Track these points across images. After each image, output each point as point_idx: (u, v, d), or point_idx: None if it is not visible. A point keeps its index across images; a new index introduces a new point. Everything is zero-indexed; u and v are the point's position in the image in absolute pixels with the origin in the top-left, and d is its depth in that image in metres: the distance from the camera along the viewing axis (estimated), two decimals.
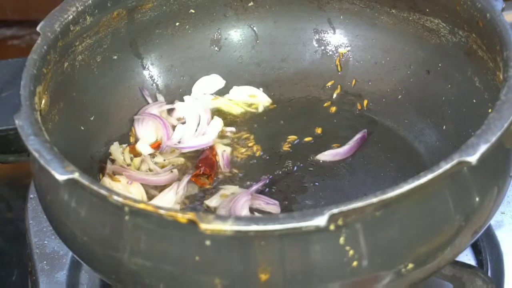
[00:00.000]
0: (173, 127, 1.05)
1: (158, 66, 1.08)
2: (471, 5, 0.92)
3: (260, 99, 1.09)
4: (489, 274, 0.96)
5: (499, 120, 0.75)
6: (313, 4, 1.09)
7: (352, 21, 1.09)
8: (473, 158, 0.72)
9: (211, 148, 1.03)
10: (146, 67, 1.07)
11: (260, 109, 1.08)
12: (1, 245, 1.14)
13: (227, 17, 1.10)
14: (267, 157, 1.02)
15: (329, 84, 1.09)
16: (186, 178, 0.98)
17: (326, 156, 1.01)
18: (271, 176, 0.99)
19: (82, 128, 0.98)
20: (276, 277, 0.72)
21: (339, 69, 1.09)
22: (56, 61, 0.91)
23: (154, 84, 1.08)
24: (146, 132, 1.04)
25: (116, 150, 1.01)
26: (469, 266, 0.91)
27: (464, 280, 0.90)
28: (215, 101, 1.08)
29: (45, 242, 1.01)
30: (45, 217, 0.86)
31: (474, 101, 0.94)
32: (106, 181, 0.96)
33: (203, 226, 0.69)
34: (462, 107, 0.97)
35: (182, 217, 0.70)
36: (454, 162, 0.72)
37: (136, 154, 1.02)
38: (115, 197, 0.72)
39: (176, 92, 1.08)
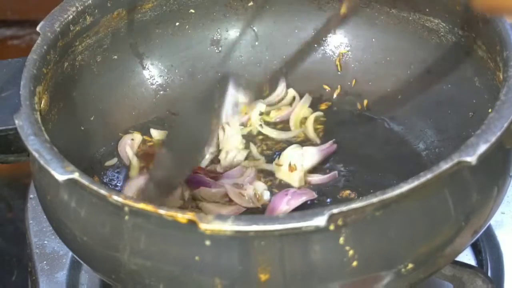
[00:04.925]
0: None
1: (158, 66, 1.08)
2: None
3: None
4: (489, 274, 0.96)
5: (499, 120, 0.75)
6: (313, 4, 1.09)
7: (352, 21, 1.09)
8: (472, 158, 0.72)
9: None
10: (146, 67, 1.07)
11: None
12: (1, 245, 1.14)
13: (227, 17, 1.10)
14: (267, 157, 1.02)
15: (329, 84, 1.09)
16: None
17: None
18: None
19: (82, 128, 0.98)
20: (276, 277, 0.72)
21: (339, 69, 1.09)
22: (56, 61, 0.91)
23: (154, 84, 1.08)
24: None
25: None
26: (469, 266, 0.92)
27: (464, 280, 0.90)
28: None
29: (45, 242, 1.01)
30: (45, 217, 0.86)
31: (474, 101, 0.94)
32: None
33: (203, 226, 0.69)
34: (462, 107, 0.97)
35: (182, 217, 0.70)
36: (454, 162, 0.72)
37: None
38: (115, 197, 0.72)
39: (176, 92, 1.08)
